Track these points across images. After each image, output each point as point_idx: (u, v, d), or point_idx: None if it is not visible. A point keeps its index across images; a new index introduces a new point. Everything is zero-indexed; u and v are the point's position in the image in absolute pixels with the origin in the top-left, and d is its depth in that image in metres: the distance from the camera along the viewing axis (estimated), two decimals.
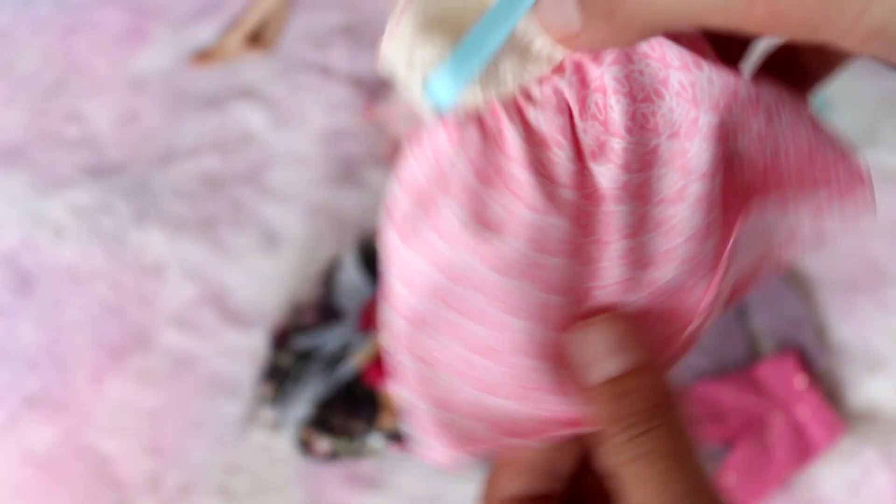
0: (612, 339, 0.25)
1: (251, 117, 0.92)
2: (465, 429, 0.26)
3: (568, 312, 0.25)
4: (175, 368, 0.84)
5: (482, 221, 0.24)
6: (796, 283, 0.83)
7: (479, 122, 0.25)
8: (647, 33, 0.23)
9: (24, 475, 0.81)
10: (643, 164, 0.25)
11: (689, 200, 0.25)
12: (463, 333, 0.25)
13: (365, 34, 0.96)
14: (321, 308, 0.83)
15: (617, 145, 0.25)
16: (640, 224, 0.25)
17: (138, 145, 0.92)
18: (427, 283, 0.25)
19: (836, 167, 0.27)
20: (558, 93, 0.25)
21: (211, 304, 0.86)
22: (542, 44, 0.25)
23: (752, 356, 0.81)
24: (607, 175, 0.25)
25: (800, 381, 0.78)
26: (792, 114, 0.26)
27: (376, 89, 0.92)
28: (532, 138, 0.25)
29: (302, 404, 0.79)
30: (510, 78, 0.25)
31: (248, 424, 0.82)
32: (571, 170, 0.25)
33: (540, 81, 0.25)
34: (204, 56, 0.95)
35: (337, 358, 0.79)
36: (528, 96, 0.25)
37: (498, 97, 0.25)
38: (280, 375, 0.81)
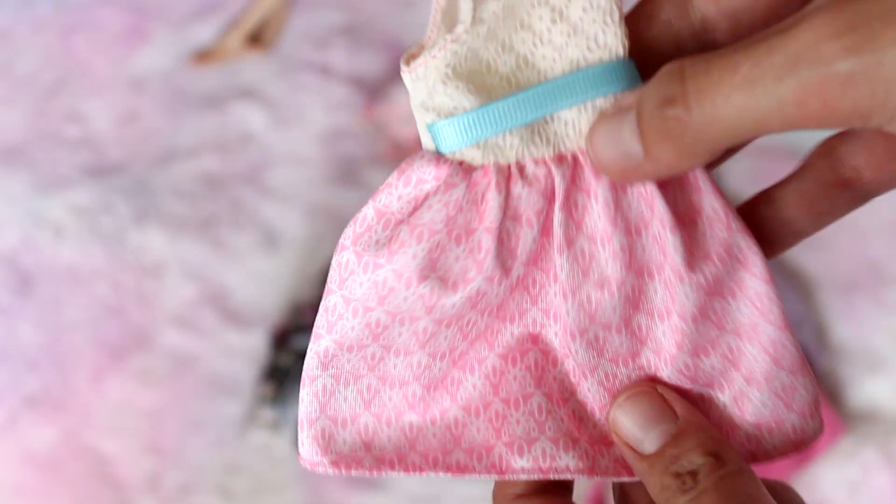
0: (653, 409, 0.26)
1: (251, 117, 0.93)
2: (349, 449, 0.27)
3: (482, 357, 0.27)
4: (175, 368, 0.84)
5: (438, 274, 0.25)
6: (796, 283, 0.83)
7: (469, 180, 0.25)
8: (714, 151, 0.23)
9: (24, 475, 0.81)
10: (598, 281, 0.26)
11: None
12: (381, 366, 0.27)
13: (365, 34, 0.96)
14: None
15: (586, 247, 0.26)
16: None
17: (138, 145, 0.92)
18: (367, 315, 0.26)
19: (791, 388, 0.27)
20: (549, 178, 0.25)
21: (211, 304, 0.86)
22: (555, 131, 0.25)
23: None
24: (566, 269, 0.26)
25: None
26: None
27: (376, 89, 0.92)
28: (509, 210, 0.25)
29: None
30: (512, 153, 0.25)
31: (248, 424, 0.82)
32: (533, 249, 0.26)
33: (537, 161, 0.25)
34: (204, 56, 0.95)
35: None
36: (522, 170, 0.25)
37: (494, 162, 0.25)
38: (280, 375, 0.81)
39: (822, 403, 0.81)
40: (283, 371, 0.81)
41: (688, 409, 0.26)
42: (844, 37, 0.21)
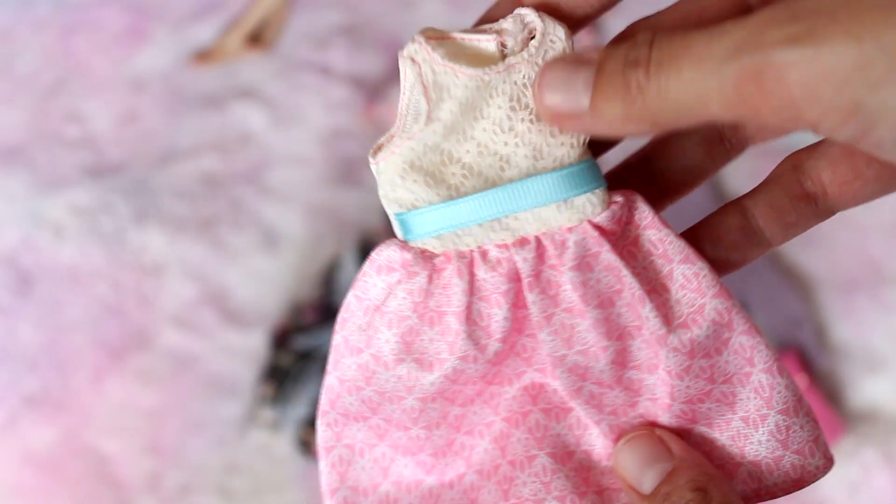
0: (651, 450, 0.27)
1: (251, 117, 0.92)
2: None
3: (489, 422, 0.28)
4: (175, 368, 0.84)
5: (414, 356, 0.26)
6: (796, 283, 0.83)
7: (432, 267, 0.26)
8: (655, 124, 0.24)
9: (24, 475, 0.81)
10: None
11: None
12: (388, 436, 0.28)
13: (365, 34, 0.96)
14: (321, 308, 0.83)
15: (566, 320, 0.26)
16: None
17: (138, 145, 0.92)
18: (360, 393, 0.27)
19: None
20: (512, 262, 0.26)
21: (211, 304, 0.86)
22: (516, 218, 0.26)
23: None
24: (549, 344, 0.26)
25: (800, 381, 0.78)
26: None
27: (376, 89, 0.92)
28: (476, 292, 0.26)
29: (302, 404, 0.79)
30: (472, 241, 0.26)
31: (248, 424, 0.82)
32: (506, 327, 0.26)
33: (499, 246, 0.26)
34: (204, 56, 0.95)
35: None
36: (484, 255, 0.26)
37: (455, 249, 0.26)
38: (280, 375, 0.81)
39: (822, 403, 0.81)
40: (283, 371, 0.81)
41: (683, 448, 0.27)
42: (786, 26, 0.21)
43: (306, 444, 0.79)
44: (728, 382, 0.27)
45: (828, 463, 0.28)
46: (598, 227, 0.26)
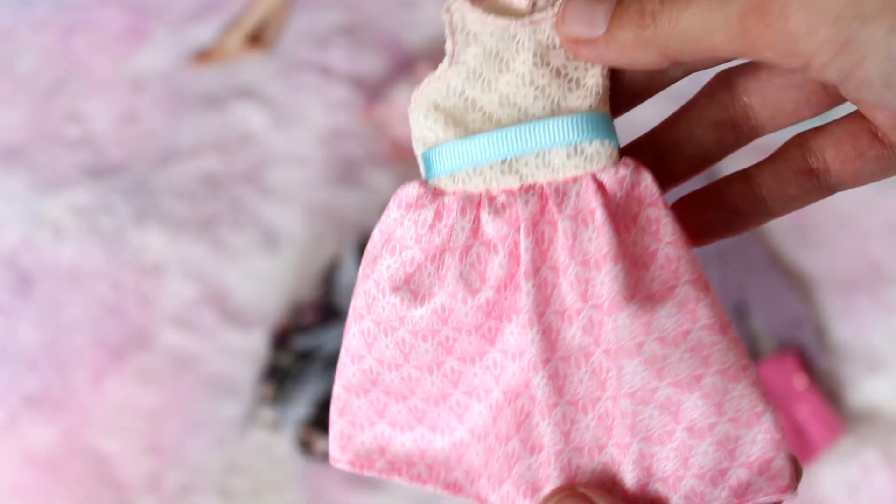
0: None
1: (251, 117, 0.93)
2: (366, 451, 0.31)
3: (488, 388, 0.29)
4: (175, 368, 0.84)
5: (410, 288, 0.28)
6: (796, 283, 0.83)
7: (440, 204, 0.27)
8: (664, 54, 0.25)
9: (24, 475, 0.81)
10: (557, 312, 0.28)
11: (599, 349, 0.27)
12: (380, 380, 0.29)
13: (365, 34, 0.96)
14: (321, 308, 0.83)
15: (549, 277, 0.27)
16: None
17: (138, 145, 0.92)
18: (360, 322, 0.29)
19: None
20: (515, 208, 0.27)
21: (211, 304, 0.86)
22: (526, 163, 0.27)
23: (752, 356, 0.81)
24: (532, 295, 0.27)
25: (800, 381, 0.78)
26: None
27: (376, 89, 0.92)
28: (478, 235, 0.28)
29: (302, 404, 0.79)
30: (481, 181, 0.27)
31: (248, 424, 0.82)
32: (500, 275, 0.27)
33: (505, 191, 0.27)
34: (204, 56, 0.95)
35: (337, 358, 0.79)
36: (491, 200, 0.27)
37: (464, 190, 0.27)
38: (280, 375, 0.81)
39: (822, 403, 0.81)
40: (283, 371, 0.81)
41: None
42: None
43: (306, 444, 0.79)
44: (677, 386, 0.26)
45: (777, 486, 0.27)
46: (600, 185, 0.27)
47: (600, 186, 0.27)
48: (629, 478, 0.27)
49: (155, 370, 0.84)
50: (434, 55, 0.92)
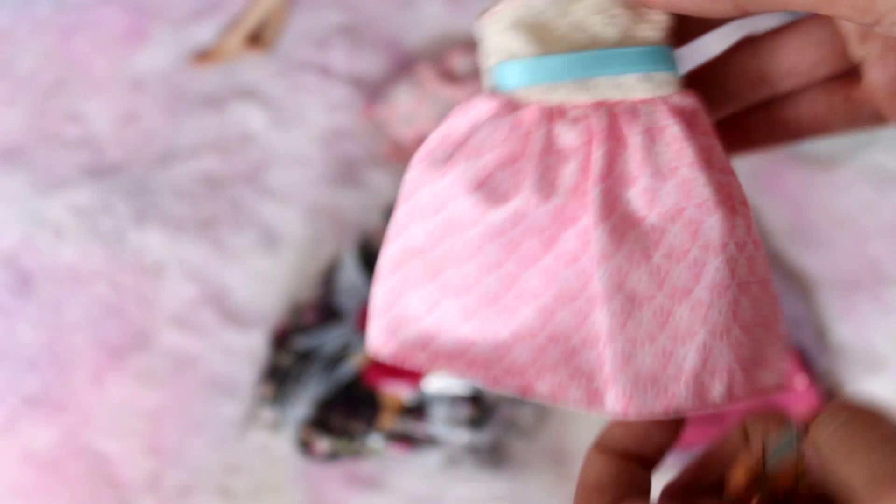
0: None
1: (251, 117, 0.93)
2: (410, 345, 0.31)
3: (538, 293, 0.30)
4: (175, 368, 0.84)
5: (486, 189, 0.29)
6: (796, 283, 0.83)
7: (516, 115, 0.29)
8: (740, 5, 0.26)
9: (24, 475, 0.81)
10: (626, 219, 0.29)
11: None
12: (439, 276, 0.30)
13: (365, 34, 0.96)
14: (321, 308, 0.83)
15: (614, 188, 0.29)
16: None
17: (138, 145, 0.92)
18: (426, 222, 0.30)
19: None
20: (587, 121, 0.29)
21: (211, 304, 0.86)
22: (598, 84, 0.29)
23: None
24: (598, 201, 0.29)
25: (800, 381, 0.78)
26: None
27: (376, 89, 0.92)
28: (550, 147, 0.29)
29: (302, 404, 0.79)
30: (557, 96, 0.29)
31: (248, 424, 0.82)
32: (571, 183, 0.29)
33: (578, 106, 0.29)
34: (204, 56, 0.95)
35: (337, 358, 0.79)
36: (564, 113, 0.29)
37: (540, 103, 0.29)
38: (280, 375, 0.81)
39: (822, 403, 0.81)
40: (283, 371, 0.81)
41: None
42: None
43: (306, 445, 0.79)
44: (741, 287, 0.29)
45: (756, 389, 0.30)
46: (670, 105, 0.29)
47: (671, 107, 0.29)
48: (687, 365, 0.28)
49: (155, 370, 0.84)
50: (434, 55, 0.92)
